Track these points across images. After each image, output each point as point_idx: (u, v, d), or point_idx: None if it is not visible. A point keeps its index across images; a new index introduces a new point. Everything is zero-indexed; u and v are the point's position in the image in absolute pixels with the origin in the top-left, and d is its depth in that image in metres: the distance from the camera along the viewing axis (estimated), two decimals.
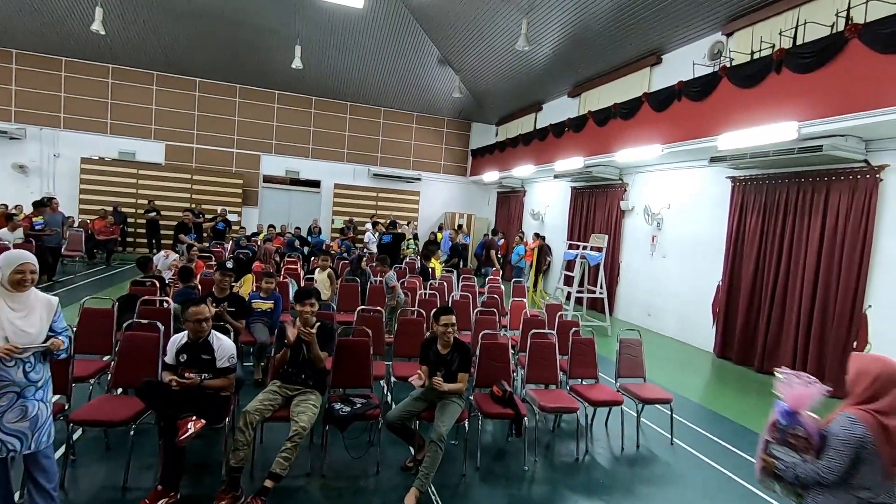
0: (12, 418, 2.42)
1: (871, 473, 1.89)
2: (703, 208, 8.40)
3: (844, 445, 1.90)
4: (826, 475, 1.93)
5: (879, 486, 1.90)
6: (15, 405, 2.43)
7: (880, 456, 1.86)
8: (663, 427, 4.74)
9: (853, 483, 1.91)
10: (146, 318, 4.04)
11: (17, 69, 13.02)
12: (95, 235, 11.65)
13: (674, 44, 9.08)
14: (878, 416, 1.89)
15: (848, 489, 1.92)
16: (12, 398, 2.42)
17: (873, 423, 1.88)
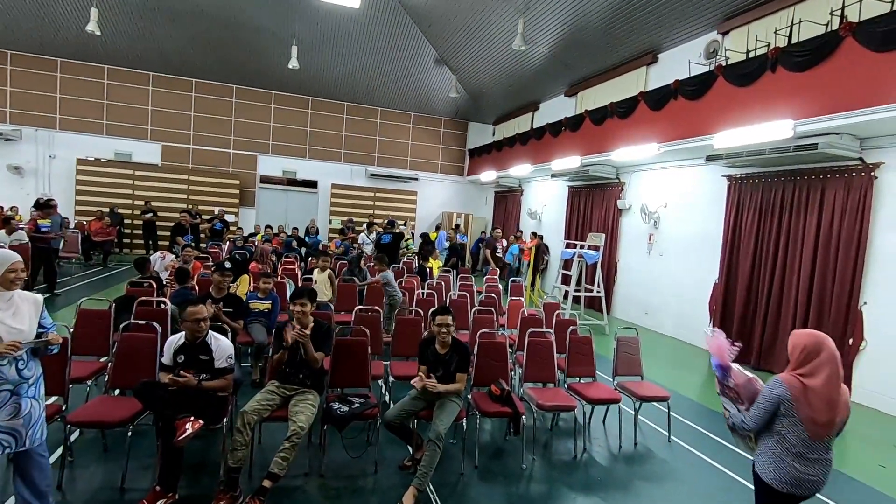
0: (6, 416, 2.44)
1: (792, 427, 2.25)
2: (699, 207, 8.43)
3: (765, 400, 2.30)
4: (748, 423, 2.36)
5: (801, 440, 2.24)
6: (8, 403, 2.45)
7: (798, 412, 2.22)
8: (661, 425, 4.75)
9: (780, 433, 2.28)
10: (143, 318, 4.04)
11: (11, 70, 12.97)
12: (92, 237, 11.62)
13: (670, 43, 9.10)
14: (801, 378, 2.26)
15: (779, 440, 2.29)
16: (6, 396, 2.44)
17: (797, 385, 2.24)
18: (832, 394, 2.23)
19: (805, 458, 2.26)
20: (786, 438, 2.28)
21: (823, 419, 2.22)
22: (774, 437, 2.31)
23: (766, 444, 2.35)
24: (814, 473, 2.28)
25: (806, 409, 2.22)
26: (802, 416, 2.23)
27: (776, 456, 2.30)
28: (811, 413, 2.21)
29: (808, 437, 2.23)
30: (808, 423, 2.22)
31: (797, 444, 2.26)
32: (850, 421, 2.35)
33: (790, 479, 2.27)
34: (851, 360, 6.00)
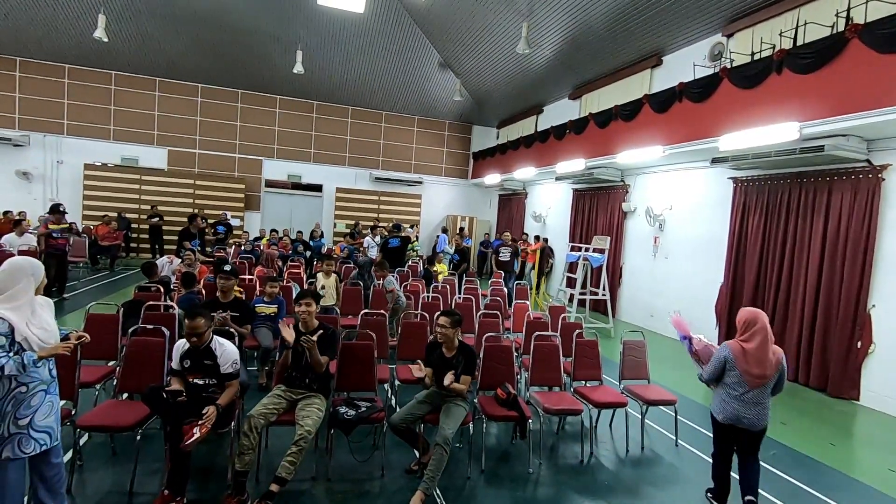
0: (44, 415, 2.53)
1: (734, 378, 3.20)
2: (704, 209, 8.40)
3: (715, 360, 3.29)
4: (704, 376, 3.39)
5: (739, 385, 3.19)
6: (44, 402, 2.54)
7: (738, 367, 3.16)
8: (668, 429, 4.73)
9: (725, 382, 3.26)
10: (151, 323, 4.06)
11: (20, 76, 13.11)
12: (99, 241, 11.70)
13: (674, 45, 9.10)
14: (742, 343, 3.19)
15: (723, 387, 3.28)
16: (42, 396, 2.53)
17: (737, 348, 3.19)
18: (762, 354, 3.12)
19: (743, 401, 3.18)
20: (731, 387, 3.22)
21: (756, 372, 3.12)
22: (723, 386, 3.28)
23: (717, 392, 3.33)
24: (749, 414, 3.19)
25: (743, 364, 3.15)
26: (741, 370, 3.15)
27: (723, 400, 3.28)
28: (747, 367, 3.13)
29: (747, 386, 3.15)
30: (745, 375, 3.14)
31: (738, 391, 3.19)
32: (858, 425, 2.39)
33: (730, 416, 3.23)
34: (860, 363, 5.96)
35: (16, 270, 2.52)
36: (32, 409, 2.49)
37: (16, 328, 2.42)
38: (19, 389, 2.46)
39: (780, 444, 4.65)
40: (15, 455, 2.46)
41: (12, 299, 2.47)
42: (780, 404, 5.87)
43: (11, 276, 2.50)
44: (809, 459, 4.36)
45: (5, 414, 2.44)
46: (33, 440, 2.49)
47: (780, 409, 5.67)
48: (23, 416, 2.46)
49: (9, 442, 2.44)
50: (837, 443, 4.84)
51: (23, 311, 2.48)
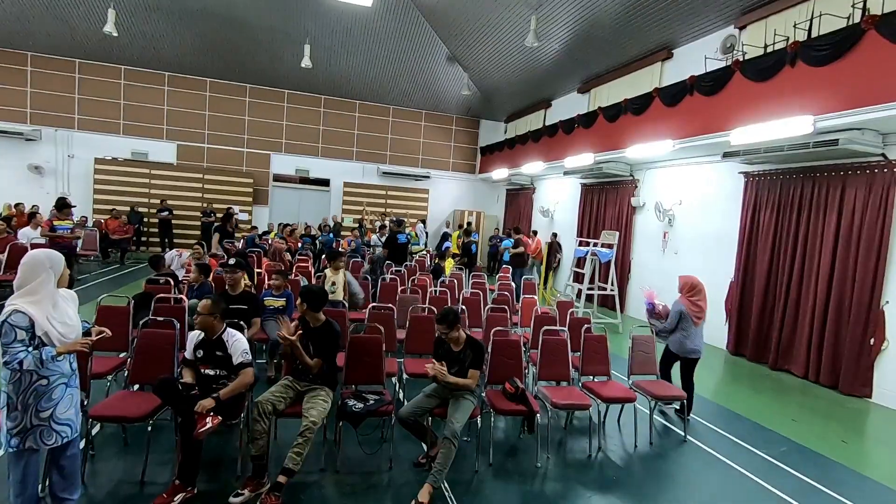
0: (64, 408, 2.57)
1: (686, 323, 4.59)
2: (715, 204, 8.32)
3: (675, 313, 4.63)
4: (668, 326, 4.68)
5: (690, 329, 4.60)
6: (65, 395, 2.57)
7: (689, 315, 4.59)
8: (676, 424, 4.71)
9: (682, 328, 4.61)
10: (161, 315, 4.09)
11: (31, 71, 13.22)
12: (109, 235, 11.81)
13: (685, 38, 8.99)
14: (689, 299, 4.63)
15: (680, 331, 4.64)
16: (63, 389, 2.56)
17: (687, 303, 4.62)
18: (703, 304, 4.69)
19: (693, 337, 4.63)
20: (685, 329, 4.63)
21: (700, 315, 4.64)
22: (679, 331, 4.65)
23: (674, 337, 4.69)
24: (697, 344, 4.66)
25: (694, 312, 4.63)
26: (692, 315, 4.61)
27: (681, 341, 4.65)
28: (696, 313, 4.63)
29: (694, 325, 4.61)
30: (694, 318, 4.61)
31: (689, 331, 4.62)
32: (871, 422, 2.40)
33: (688, 350, 4.65)
34: (872, 360, 5.89)
35: (35, 264, 2.53)
36: (53, 402, 2.52)
37: (36, 322, 2.43)
38: (40, 383, 2.49)
39: (789, 440, 4.61)
40: (37, 445, 2.50)
41: (32, 293, 2.49)
42: (790, 401, 5.83)
43: (31, 270, 2.52)
44: (820, 457, 4.32)
45: (27, 406, 2.47)
46: (55, 432, 2.52)
47: (789, 406, 5.63)
48: (44, 409, 2.49)
49: (31, 433, 2.48)
50: (850, 440, 4.78)
51: (43, 304, 2.49)
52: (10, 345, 2.38)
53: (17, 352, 2.37)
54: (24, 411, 2.46)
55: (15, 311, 2.41)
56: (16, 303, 2.44)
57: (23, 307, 2.43)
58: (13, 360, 2.36)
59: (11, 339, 2.38)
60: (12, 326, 2.38)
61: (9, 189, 12.55)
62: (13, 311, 2.41)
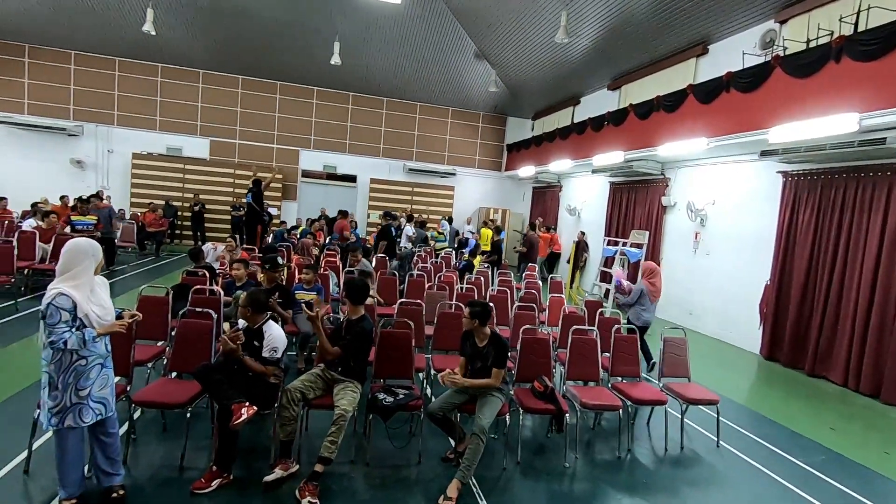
0: (100, 386, 2.72)
1: (645, 300, 5.76)
2: (750, 204, 8.08)
3: (637, 292, 5.80)
4: (630, 300, 5.82)
5: (647, 304, 5.77)
6: (101, 375, 2.72)
7: (648, 293, 5.77)
8: (707, 429, 4.61)
9: (641, 304, 5.77)
10: (198, 306, 4.22)
11: (75, 69, 13.75)
12: (146, 227, 12.21)
13: (722, 33, 8.73)
14: (649, 281, 5.82)
15: (639, 306, 5.78)
16: (98, 369, 2.71)
17: (647, 283, 5.79)
18: (658, 284, 5.85)
19: (650, 311, 5.80)
20: (644, 305, 5.73)
21: (657, 294, 5.82)
22: (638, 305, 5.74)
23: (634, 309, 5.77)
24: (649, 317, 5.78)
25: (652, 291, 5.75)
26: (650, 294, 5.73)
27: (639, 313, 5.73)
28: (653, 291, 5.77)
29: (651, 301, 5.76)
30: (651, 297, 5.73)
31: (646, 306, 5.74)
32: None
33: (645, 322, 5.76)
34: None
35: (79, 251, 2.68)
36: (91, 381, 2.66)
37: (78, 305, 2.58)
38: (79, 363, 2.63)
39: (828, 449, 4.46)
40: (76, 423, 2.63)
41: (75, 278, 2.63)
42: (828, 409, 5.63)
43: (75, 257, 2.66)
44: (861, 467, 4.17)
45: (67, 385, 2.60)
46: (91, 410, 2.67)
47: (827, 414, 5.45)
48: (83, 388, 2.64)
49: (70, 411, 2.61)
50: (892, 451, 4.60)
51: (83, 289, 2.64)
52: (56, 325, 2.51)
53: (62, 332, 2.52)
54: (63, 390, 2.60)
55: (59, 293, 2.55)
56: (59, 286, 2.58)
57: (66, 290, 2.56)
58: (59, 339, 2.50)
59: (56, 321, 2.52)
60: (57, 308, 2.52)
61: (52, 182, 13.08)
62: (58, 294, 2.55)
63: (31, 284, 7.58)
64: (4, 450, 3.24)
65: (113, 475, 2.85)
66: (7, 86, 13.41)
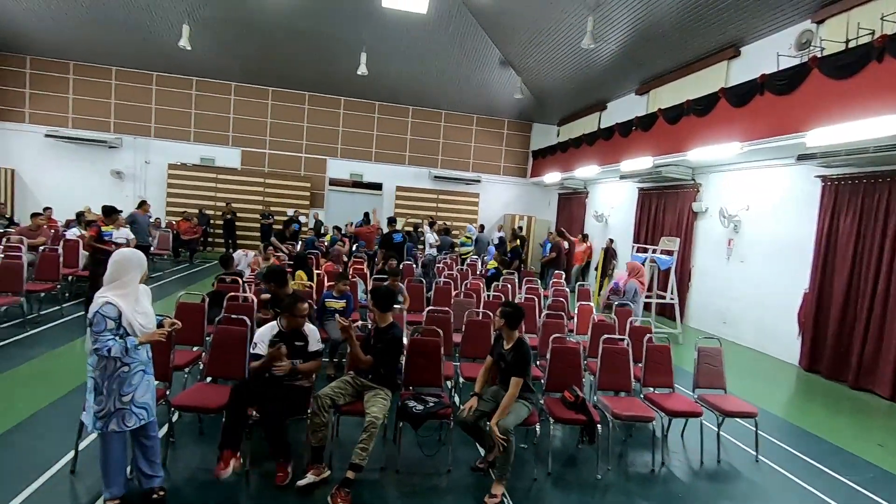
0: (142, 392, 2.80)
1: (638, 297, 7.02)
2: (787, 210, 7.82)
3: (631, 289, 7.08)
4: (626, 298, 6.80)
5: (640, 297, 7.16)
6: (143, 381, 2.81)
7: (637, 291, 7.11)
8: (745, 442, 4.46)
9: (634, 300, 6.81)
10: (233, 312, 4.32)
11: (115, 84, 14.36)
12: (181, 235, 12.61)
13: (755, 35, 8.53)
14: (639, 279, 7.28)
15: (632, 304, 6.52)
16: (141, 375, 2.80)
17: (636, 281, 7.18)
18: (644, 280, 7.47)
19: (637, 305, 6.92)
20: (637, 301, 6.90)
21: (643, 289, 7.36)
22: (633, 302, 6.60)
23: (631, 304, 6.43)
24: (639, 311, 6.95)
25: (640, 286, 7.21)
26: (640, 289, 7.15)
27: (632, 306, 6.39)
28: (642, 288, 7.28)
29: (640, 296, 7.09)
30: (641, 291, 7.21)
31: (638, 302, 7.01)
32: None
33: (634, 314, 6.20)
34: None
35: (126, 262, 2.79)
36: (133, 387, 2.75)
37: (123, 314, 2.68)
38: (122, 369, 2.72)
39: (876, 467, 4.25)
40: (119, 428, 2.73)
41: (122, 287, 2.74)
42: (875, 424, 5.38)
43: (123, 267, 2.77)
44: None
45: (111, 391, 2.70)
46: (134, 415, 2.76)
47: (874, 430, 5.20)
48: (126, 394, 2.73)
49: (114, 416, 2.71)
50: None
51: (129, 298, 2.75)
52: (101, 333, 2.62)
53: (107, 340, 2.62)
54: (108, 396, 2.70)
55: (106, 302, 2.65)
56: (106, 295, 2.68)
57: (113, 299, 2.66)
58: (103, 347, 2.61)
59: (102, 329, 2.62)
60: (103, 317, 2.63)
61: (94, 192, 13.63)
62: (105, 303, 2.65)
63: (74, 291, 7.91)
64: (52, 450, 3.38)
65: (153, 477, 2.94)
66: (54, 101, 14.10)
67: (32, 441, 3.54)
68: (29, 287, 6.35)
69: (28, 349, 5.43)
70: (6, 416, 3.83)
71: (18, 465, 3.21)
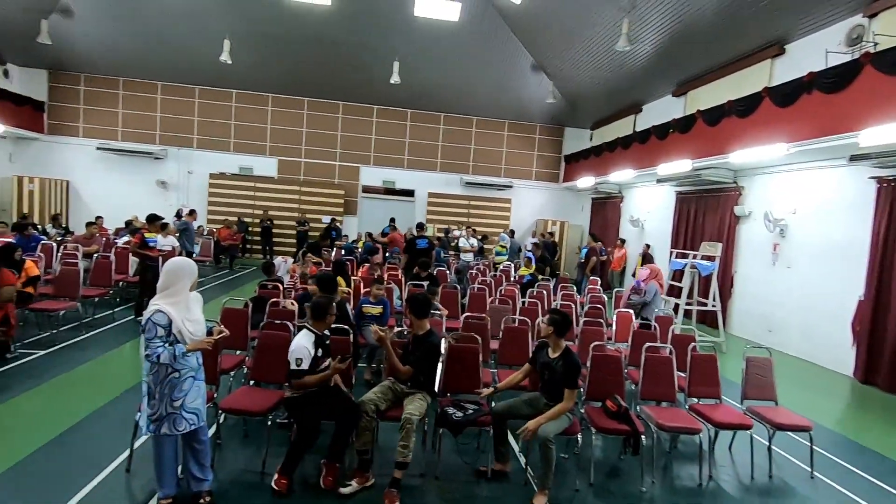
0: (193, 398, 2.88)
1: (656, 298, 6.65)
2: (838, 213, 7.46)
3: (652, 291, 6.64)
4: (646, 298, 6.66)
5: (659, 299, 6.73)
6: (193, 387, 2.89)
7: (657, 293, 6.72)
8: (798, 457, 4.26)
9: (655, 303, 6.61)
10: (275, 318, 4.44)
11: (161, 98, 15.03)
12: (221, 242, 13.03)
13: (801, 31, 8.21)
14: (658, 281, 6.85)
15: (651, 305, 6.57)
16: (191, 381, 2.88)
17: (656, 283, 6.75)
18: (662, 281, 7.16)
19: (658, 308, 6.63)
20: (656, 302, 6.62)
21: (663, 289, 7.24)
22: (653, 304, 6.55)
23: (649, 307, 6.49)
24: (658, 311, 6.48)
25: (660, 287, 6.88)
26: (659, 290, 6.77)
27: (651, 309, 6.47)
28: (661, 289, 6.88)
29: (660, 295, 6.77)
30: (661, 291, 6.88)
31: (658, 304, 6.67)
32: None
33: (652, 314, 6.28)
34: None
35: (178, 270, 2.89)
36: (184, 392, 2.84)
37: (173, 321, 2.76)
38: (173, 375, 2.81)
39: None
40: (171, 432, 2.82)
41: (173, 295, 2.83)
42: None
43: (175, 276, 2.87)
44: None
45: (163, 396, 2.80)
46: (185, 420, 2.84)
47: None
48: (176, 399, 2.82)
49: (166, 420, 2.80)
50: None
51: (180, 306, 2.83)
52: (152, 340, 2.72)
53: (157, 346, 2.71)
54: (160, 401, 2.79)
55: (157, 310, 2.75)
56: (158, 303, 2.79)
57: (164, 307, 2.76)
58: (153, 353, 2.70)
59: (153, 335, 2.72)
60: (154, 324, 2.73)
61: (140, 201, 14.25)
62: (156, 311, 2.75)
63: (124, 296, 8.28)
64: (108, 450, 3.54)
65: (203, 480, 3.01)
66: (105, 116, 14.86)
67: (89, 440, 3.71)
68: (84, 292, 6.68)
69: (84, 352, 5.71)
70: (65, 416, 4.04)
71: (77, 464, 3.37)
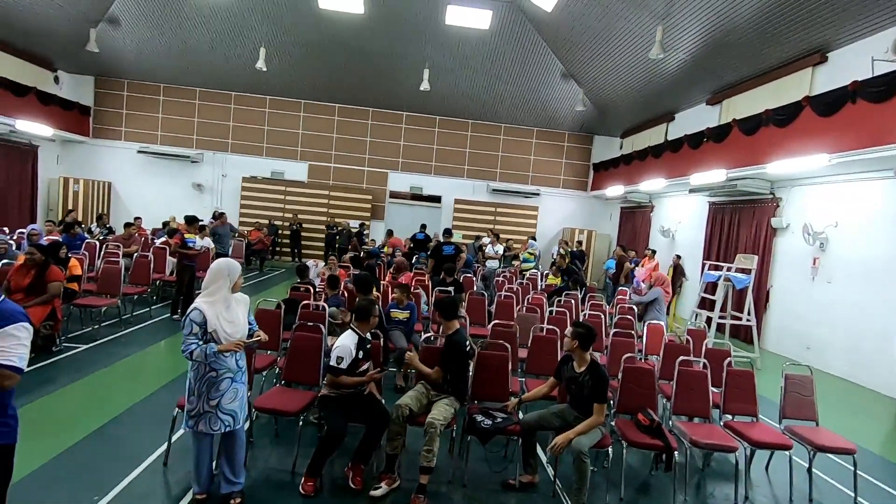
0: (229, 399, 2.92)
1: (661, 304, 6.85)
2: (884, 227, 7.16)
3: (654, 295, 6.83)
4: (644, 299, 6.89)
5: (663, 306, 6.87)
6: (230, 388, 2.93)
7: (662, 299, 6.91)
8: (840, 481, 4.08)
9: (657, 307, 6.79)
10: (306, 320, 4.51)
11: (199, 104, 15.55)
12: (251, 245, 13.35)
13: (844, 39, 7.94)
14: (664, 288, 7.08)
15: (653, 310, 6.78)
16: (228, 383, 2.93)
17: (661, 290, 6.94)
18: (669, 289, 7.49)
19: (662, 313, 6.75)
20: (658, 308, 6.77)
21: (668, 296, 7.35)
22: (654, 308, 6.76)
23: (651, 311, 6.75)
24: (663, 317, 6.75)
25: (665, 294, 7.04)
26: (664, 297, 6.95)
27: (654, 314, 6.68)
28: (666, 297, 7.14)
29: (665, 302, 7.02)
30: (666, 298, 7.05)
31: (660, 309, 6.79)
32: None
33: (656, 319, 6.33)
34: None
35: (218, 270, 2.97)
36: (220, 392, 2.89)
37: (208, 320, 2.83)
38: (210, 374, 2.88)
39: None
40: (207, 430, 2.88)
41: (211, 294, 2.91)
42: None
43: (213, 276, 2.95)
44: None
45: (201, 393, 2.87)
46: (220, 420, 2.88)
47: None
48: (213, 398, 2.88)
49: (203, 418, 2.87)
50: None
51: (217, 306, 2.89)
52: (187, 336, 2.80)
53: (190, 343, 2.79)
54: (198, 398, 2.87)
55: (195, 308, 2.84)
56: (198, 302, 2.87)
57: (201, 306, 2.84)
58: (186, 349, 2.78)
59: (188, 332, 2.80)
60: (191, 321, 2.81)
61: (176, 204, 14.74)
62: (193, 308, 2.84)
63: (161, 294, 8.56)
64: (147, 443, 3.66)
65: (235, 483, 3.04)
66: (146, 120, 15.46)
67: (129, 434, 3.84)
68: (124, 290, 6.94)
69: (123, 347, 5.92)
70: (106, 410, 4.19)
71: (118, 455, 3.49)
